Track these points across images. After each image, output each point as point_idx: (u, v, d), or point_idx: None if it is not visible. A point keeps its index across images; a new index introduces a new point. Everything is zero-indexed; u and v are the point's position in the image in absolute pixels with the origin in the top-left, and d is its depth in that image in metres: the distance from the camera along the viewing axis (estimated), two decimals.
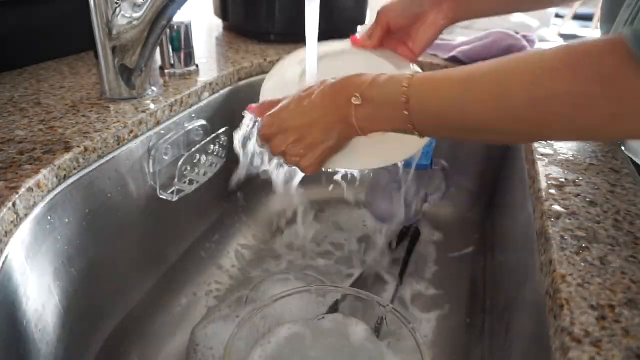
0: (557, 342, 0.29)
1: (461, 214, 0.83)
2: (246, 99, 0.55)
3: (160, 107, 0.59)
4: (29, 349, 0.42)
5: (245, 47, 0.88)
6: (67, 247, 0.48)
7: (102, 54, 0.57)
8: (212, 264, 0.72)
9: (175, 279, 0.67)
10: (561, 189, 0.44)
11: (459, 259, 0.74)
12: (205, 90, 0.68)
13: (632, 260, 0.34)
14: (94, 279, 0.52)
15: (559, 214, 0.40)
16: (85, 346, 0.53)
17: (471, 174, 0.85)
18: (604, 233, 0.38)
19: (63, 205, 0.47)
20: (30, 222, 0.42)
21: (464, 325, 0.62)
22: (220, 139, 0.67)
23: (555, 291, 0.32)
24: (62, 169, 0.46)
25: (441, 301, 0.66)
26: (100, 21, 0.55)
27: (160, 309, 0.63)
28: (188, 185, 0.62)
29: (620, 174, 0.47)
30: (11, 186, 0.41)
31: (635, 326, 0.29)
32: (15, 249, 0.40)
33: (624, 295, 0.31)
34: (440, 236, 0.78)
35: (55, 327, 0.46)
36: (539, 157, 0.50)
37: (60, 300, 0.47)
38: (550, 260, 0.35)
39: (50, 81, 0.66)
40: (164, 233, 0.65)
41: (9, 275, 0.39)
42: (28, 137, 0.49)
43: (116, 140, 0.52)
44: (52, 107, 0.57)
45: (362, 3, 0.97)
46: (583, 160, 0.49)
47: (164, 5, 0.55)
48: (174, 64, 0.70)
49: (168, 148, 0.60)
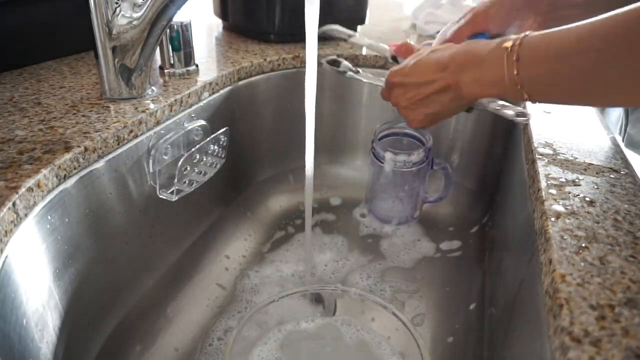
0: (557, 342, 0.29)
1: (461, 213, 0.83)
2: (246, 99, 0.55)
3: (160, 107, 0.59)
4: (29, 349, 0.42)
5: (245, 47, 0.88)
6: (67, 247, 0.48)
7: (102, 54, 0.57)
8: (212, 264, 0.72)
9: (175, 279, 0.67)
10: (561, 189, 0.44)
11: (459, 259, 0.74)
12: (205, 90, 0.68)
13: (632, 260, 0.34)
14: (94, 279, 0.52)
15: (559, 213, 0.40)
16: (85, 346, 0.53)
17: (471, 174, 0.85)
18: (604, 233, 0.38)
19: (63, 205, 0.47)
20: (30, 222, 0.42)
21: (463, 325, 0.62)
22: (220, 139, 0.67)
23: (555, 291, 0.32)
24: (63, 169, 0.46)
25: (442, 301, 0.66)
26: (100, 21, 0.55)
27: (160, 309, 0.63)
28: (188, 186, 0.62)
29: (621, 174, 0.47)
30: (11, 186, 0.41)
31: (635, 326, 0.29)
32: (15, 249, 0.40)
33: (623, 295, 0.31)
34: (440, 236, 0.78)
35: (55, 327, 0.46)
36: (539, 157, 0.50)
37: (60, 300, 0.47)
38: (550, 260, 0.35)
39: (51, 81, 0.66)
40: (164, 233, 0.65)
41: (9, 275, 0.39)
42: (28, 137, 0.49)
43: (116, 140, 0.52)
44: (52, 107, 0.57)
45: (362, 3, 0.97)
46: (583, 160, 0.49)
47: (164, 5, 0.55)
48: (174, 64, 0.70)
49: (168, 148, 0.60)
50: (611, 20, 0.36)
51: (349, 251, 0.75)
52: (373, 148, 0.74)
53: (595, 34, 0.37)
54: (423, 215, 0.81)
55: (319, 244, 0.76)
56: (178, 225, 0.68)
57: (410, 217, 0.79)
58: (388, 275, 0.70)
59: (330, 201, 0.86)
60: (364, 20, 1.00)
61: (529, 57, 0.41)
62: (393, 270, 0.71)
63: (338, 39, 0.79)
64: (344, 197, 0.86)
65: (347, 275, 0.70)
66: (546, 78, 0.41)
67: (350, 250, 0.75)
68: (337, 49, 0.88)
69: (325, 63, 0.68)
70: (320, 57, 0.66)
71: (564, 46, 0.39)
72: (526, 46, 0.41)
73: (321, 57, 0.70)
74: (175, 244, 0.69)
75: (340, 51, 0.86)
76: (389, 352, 0.52)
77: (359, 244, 0.77)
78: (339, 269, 0.72)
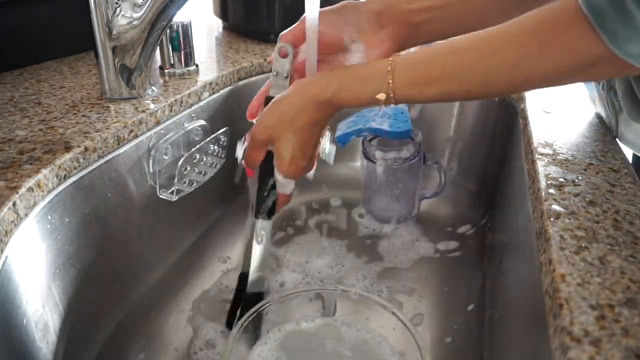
0: (557, 342, 0.29)
1: (461, 214, 0.83)
2: (246, 99, 0.55)
3: (160, 107, 0.59)
4: (29, 349, 0.42)
5: (245, 47, 0.88)
6: (67, 247, 0.48)
7: (103, 54, 0.57)
8: (212, 264, 0.72)
9: (175, 279, 0.67)
10: (561, 188, 0.44)
11: (458, 259, 0.74)
12: (205, 90, 0.68)
13: (631, 260, 0.35)
14: (94, 279, 0.52)
15: (559, 213, 0.40)
16: (85, 346, 0.53)
17: (471, 174, 0.85)
18: (604, 233, 0.38)
19: (63, 205, 0.47)
20: (30, 222, 0.42)
21: (463, 325, 0.62)
22: (220, 139, 0.67)
23: (555, 291, 0.32)
24: (63, 169, 0.46)
25: (441, 301, 0.66)
26: (100, 21, 0.55)
27: (160, 309, 0.63)
28: (188, 186, 0.62)
29: (620, 174, 0.47)
30: (11, 186, 0.41)
31: (635, 326, 0.29)
32: (15, 249, 0.40)
33: (623, 295, 0.31)
34: (440, 236, 0.78)
35: (55, 327, 0.46)
36: (539, 157, 0.50)
37: (60, 300, 0.47)
38: (550, 260, 0.35)
39: (51, 81, 0.66)
40: (164, 233, 0.65)
41: (9, 275, 0.39)
42: (28, 137, 0.49)
43: (116, 140, 0.52)
44: (52, 107, 0.57)
45: None
46: (583, 160, 0.49)
47: (164, 5, 0.55)
48: (174, 64, 0.70)
49: (168, 148, 0.60)
50: (472, 44, 0.40)
51: (348, 252, 0.75)
52: (364, 148, 0.74)
53: (459, 61, 0.40)
54: (422, 215, 0.81)
55: (318, 245, 0.76)
56: (178, 225, 0.68)
57: (409, 215, 0.79)
58: (387, 276, 0.70)
59: (331, 202, 0.86)
60: None
61: (401, 72, 0.42)
62: (392, 270, 0.71)
63: None
64: (344, 198, 0.86)
65: (346, 275, 0.70)
66: (412, 91, 0.42)
67: (349, 250, 0.75)
68: None
69: None
70: None
71: (435, 63, 0.41)
72: (399, 60, 0.42)
73: None
74: (175, 244, 0.69)
75: None
76: (388, 352, 0.52)
77: (358, 244, 0.77)
78: (338, 270, 0.72)
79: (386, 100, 0.42)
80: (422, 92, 0.41)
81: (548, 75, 0.36)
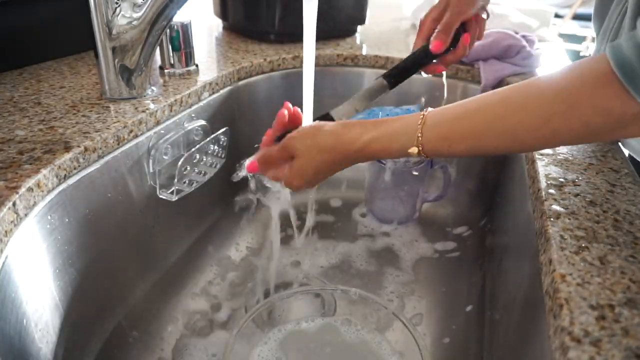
0: (557, 342, 0.29)
1: (461, 214, 0.83)
2: (246, 99, 0.55)
3: (160, 107, 0.59)
4: (29, 349, 0.42)
5: (245, 47, 0.88)
6: (67, 247, 0.48)
7: (102, 54, 0.57)
8: (212, 264, 0.72)
9: (175, 279, 0.67)
10: (561, 188, 0.44)
11: (458, 259, 0.74)
12: (205, 90, 0.68)
13: (631, 260, 0.34)
14: (94, 279, 0.52)
15: (559, 213, 0.40)
16: (85, 346, 0.53)
17: (471, 174, 0.85)
18: (604, 233, 0.38)
19: (63, 205, 0.47)
20: (30, 222, 0.42)
21: (463, 325, 0.62)
22: (220, 139, 0.67)
23: (555, 291, 0.32)
24: (63, 169, 0.46)
25: (440, 301, 0.67)
26: (100, 21, 0.55)
27: (160, 309, 0.63)
28: (188, 186, 0.62)
29: (620, 174, 0.47)
30: (11, 186, 0.41)
31: (635, 326, 0.29)
32: (15, 249, 0.40)
33: (623, 295, 0.31)
34: (440, 236, 0.78)
35: (55, 327, 0.46)
36: (539, 157, 0.50)
37: (60, 300, 0.47)
38: (550, 260, 0.35)
39: (51, 81, 0.66)
40: (164, 233, 0.65)
41: (9, 275, 0.39)
42: (28, 137, 0.49)
43: (116, 140, 0.52)
44: (52, 107, 0.57)
45: (362, 3, 0.97)
46: (583, 160, 0.49)
47: (164, 5, 0.55)
48: (174, 64, 0.70)
49: (168, 148, 0.60)
50: (496, 105, 0.40)
51: (348, 252, 0.75)
52: None
53: (487, 126, 0.40)
54: (422, 215, 0.81)
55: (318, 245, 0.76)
56: (178, 225, 0.68)
57: (411, 217, 0.79)
58: (387, 276, 0.70)
59: (331, 202, 0.86)
60: (363, 21, 1.00)
61: (430, 128, 0.43)
62: (392, 270, 0.71)
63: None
64: (344, 198, 0.86)
65: (346, 275, 0.70)
66: (441, 145, 0.43)
67: (349, 250, 0.75)
68: (337, 48, 0.88)
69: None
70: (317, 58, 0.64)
71: (463, 121, 0.42)
72: (429, 116, 0.43)
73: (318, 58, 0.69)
74: (175, 244, 0.69)
75: (339, 51, 0.86)
76: (388, 352, 0.52)
77: (358, 244, 0.77)
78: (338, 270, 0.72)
79: (416, 153, 0.43)
80: (451, 146, 0.42)
81: (578, 134, 0.36)
